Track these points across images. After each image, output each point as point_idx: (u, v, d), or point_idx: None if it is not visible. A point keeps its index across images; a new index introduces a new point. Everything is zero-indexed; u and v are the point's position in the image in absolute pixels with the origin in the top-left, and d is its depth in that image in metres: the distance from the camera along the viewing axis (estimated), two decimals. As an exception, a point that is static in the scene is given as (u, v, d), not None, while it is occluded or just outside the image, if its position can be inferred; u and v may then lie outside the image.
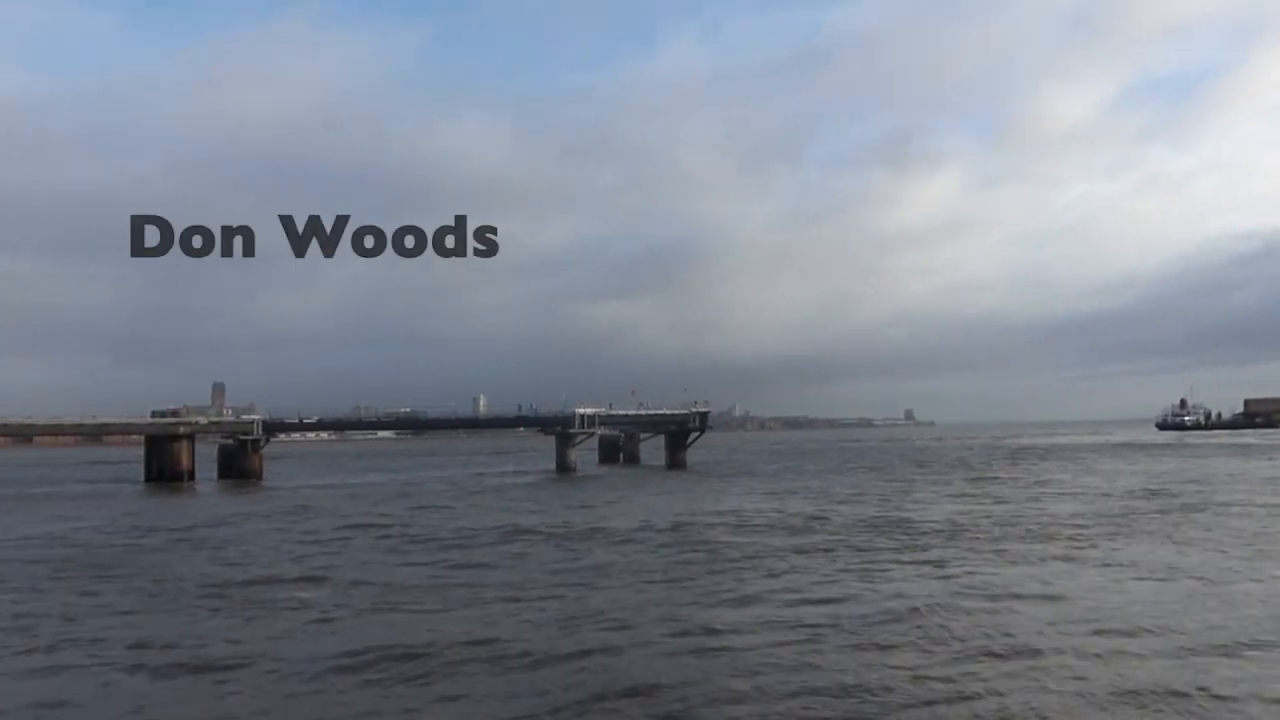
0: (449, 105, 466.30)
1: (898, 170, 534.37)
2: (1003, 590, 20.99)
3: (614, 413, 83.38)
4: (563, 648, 16.21)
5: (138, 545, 32.67)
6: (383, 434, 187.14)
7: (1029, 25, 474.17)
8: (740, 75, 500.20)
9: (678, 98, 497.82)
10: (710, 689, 13.71)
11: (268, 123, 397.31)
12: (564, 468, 78.20)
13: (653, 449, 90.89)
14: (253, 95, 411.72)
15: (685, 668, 14.87)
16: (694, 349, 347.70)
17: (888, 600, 19.88)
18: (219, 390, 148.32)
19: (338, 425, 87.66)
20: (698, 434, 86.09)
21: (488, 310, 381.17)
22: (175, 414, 75.96)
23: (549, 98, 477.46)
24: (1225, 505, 39.48)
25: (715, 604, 20.10)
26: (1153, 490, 47.70)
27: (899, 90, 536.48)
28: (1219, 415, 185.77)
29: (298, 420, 79.46)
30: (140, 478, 70.64)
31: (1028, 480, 58.28)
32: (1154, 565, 24.29)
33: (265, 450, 75.30)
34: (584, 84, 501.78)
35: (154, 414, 74.64)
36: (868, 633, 17.05)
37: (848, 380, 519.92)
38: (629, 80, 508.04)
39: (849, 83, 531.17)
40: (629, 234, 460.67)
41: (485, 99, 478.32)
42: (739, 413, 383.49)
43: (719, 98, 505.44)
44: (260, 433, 73.96)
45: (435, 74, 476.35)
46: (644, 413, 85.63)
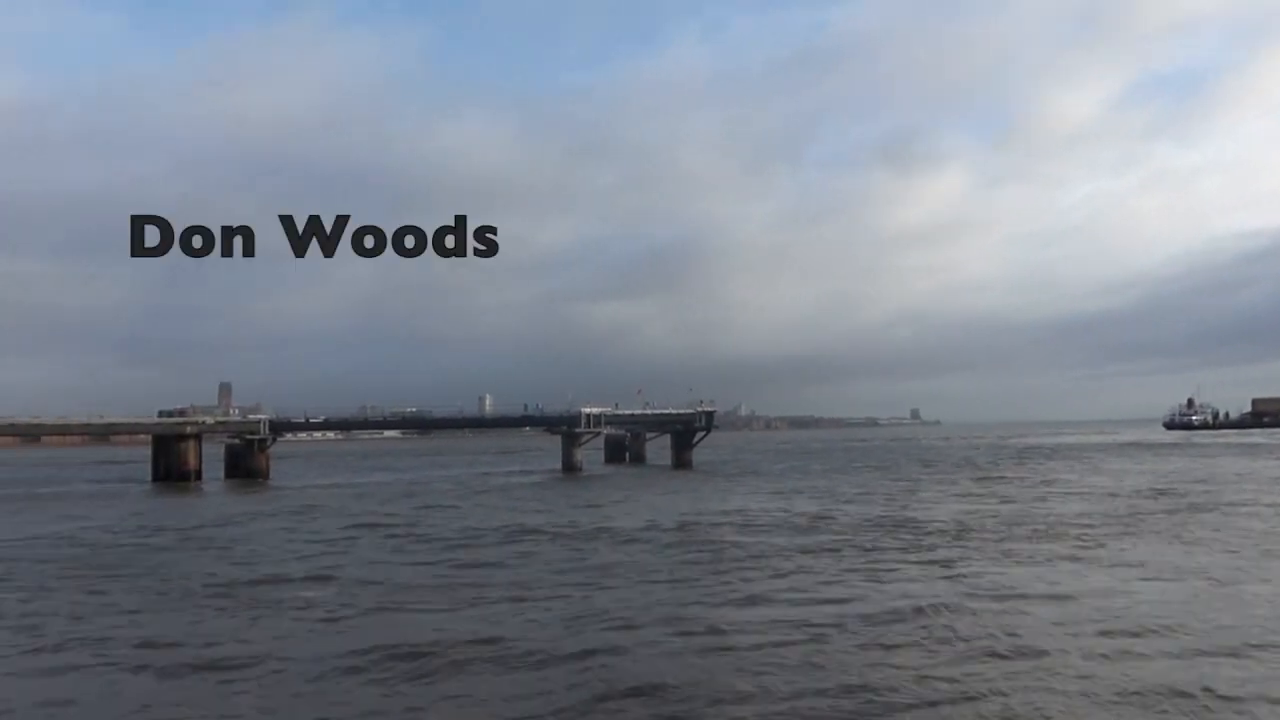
0: (450, 105, 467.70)
1: (900, 170, 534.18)
2: (1009, 590, 20.93)
3: (620, 412, 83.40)
4: (568, 647, 16.22)
5: (144, 545, 32.77)
6: (389, 434, 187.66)
7: (1032, 24, 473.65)
8: (742, 75, 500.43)
9: (679, 97, 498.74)
10: (714, 689, 13.70)
11: (269, 123, 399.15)
12: (570, 467, 78.26)
13: (658, 449, 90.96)
14: (254, 95, 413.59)
15: (689, 668, 14.87)
16: (699, 349, 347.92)
17: (893, 600, 19.84)
18: (225, 390, 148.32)
19: (344, 425, 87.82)
20: (703, 433, 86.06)
21: (492, 310, 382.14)
22: (182, 414, 76.17)
23: (550, 98, 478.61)
24: (1233, 505, 39.34)
25: (720, 604, 20.09)
26: (1160, 490, 47.56)
27: (901, 90, 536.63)
28: (1226, 415, 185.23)
29: (304, 420, 79.70)
30: (147, 477, 70.89)
31: (1034, 480, 58.14)
32: (1161, 566, 24.21)
33: (272, 450, 75.54)
34: (585, 84, 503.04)
35: (161, 414, 74.93)
36: (873, 633, 17.02)
37: (853, 380, 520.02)
38: (630, 80, 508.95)
39: (851, 82, 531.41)
40: (631, 234, 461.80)
41: (486, 99, 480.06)
42: (744, 412, 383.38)
43: (720, 97, 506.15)
44: (267, 432, 74.15)
45: (436, 74, 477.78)
46: (650, 412, 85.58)
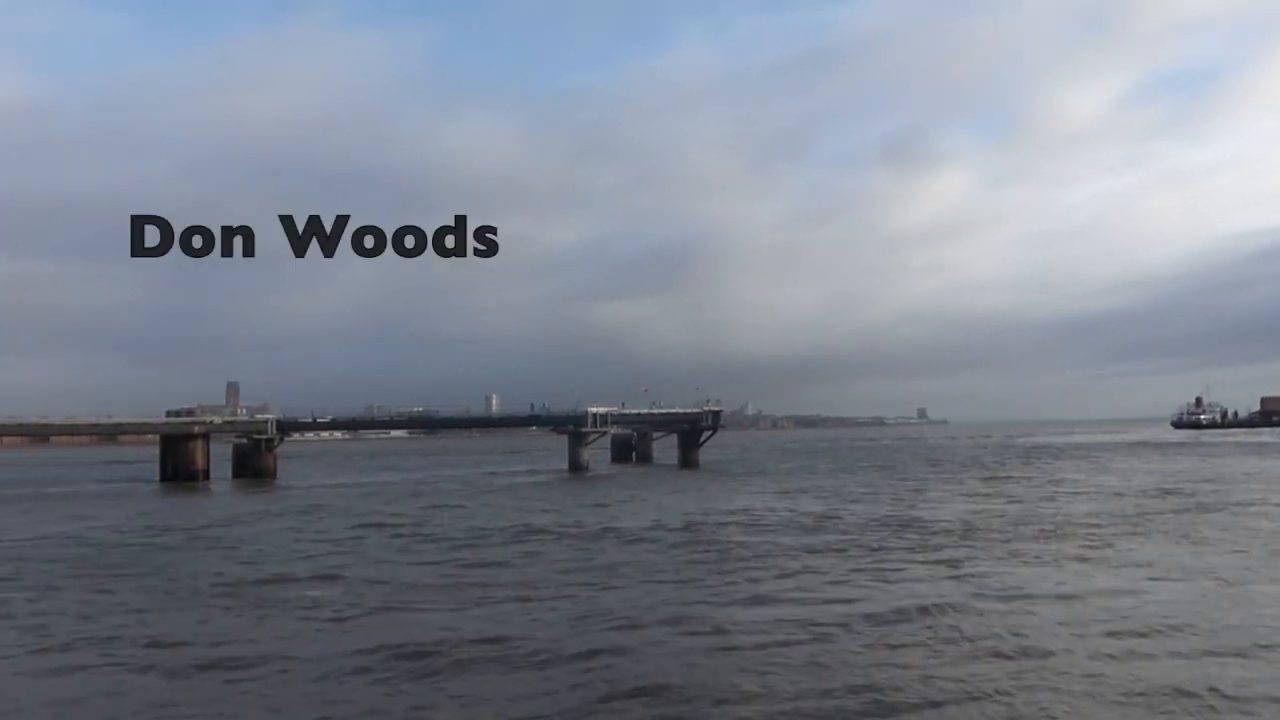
0: (455, 106, 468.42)
1: (906, 170, 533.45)
2: (1016, 590, 20.87)
3: (626, 412, 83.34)
4: (573, 647, 16.22)
5: (152, 544, 32.87)
6: (396, 433, 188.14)
7: (1037, 23, 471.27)
8: (747, 75, 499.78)
9: (684, 97, 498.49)
10: (719, 689, 13.68)
11: (274, 124, 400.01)
12: (577, 467, 78.24)
13: (665, 448, 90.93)
14: (259, 96, 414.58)
15: (694, 668, 14.86)
16: (705, 348, 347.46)
17: (899, 600, 19.79)
18: (233, 390, 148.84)
19: (351, 425, 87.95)
20: (710, 433, 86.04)
21: (499, 310, 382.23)
22: (190, 414, 76.43)
23: (555, 98, 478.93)
24: (1242, 505, 39.18)
25: (726, 604, 20.07)
26: (1168, 489, 47.40)
27: (906, 89, 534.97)
28: (1235, 414, 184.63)
29: (311, 420, 79.81)
30: (155, 477, 71.08)
31: (1041, 479, 57.97)
32: (1169, 566, 24.11)
33: (279, 450, 75.67)
34: (590, 84, 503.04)
35: (169, 414, 75.18)
36: (878, 633, 16.99)
37: (860, 379, 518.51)
38: (635, 80, 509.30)
39: (856, 82, 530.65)
40: (637, 233, 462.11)
41: (491, 99, 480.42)
42: (751, 411, 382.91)
43: (725, 97, 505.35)
44: (274, 432, 74.34)
45: (441, 75, 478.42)
46: (656, 412, 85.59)
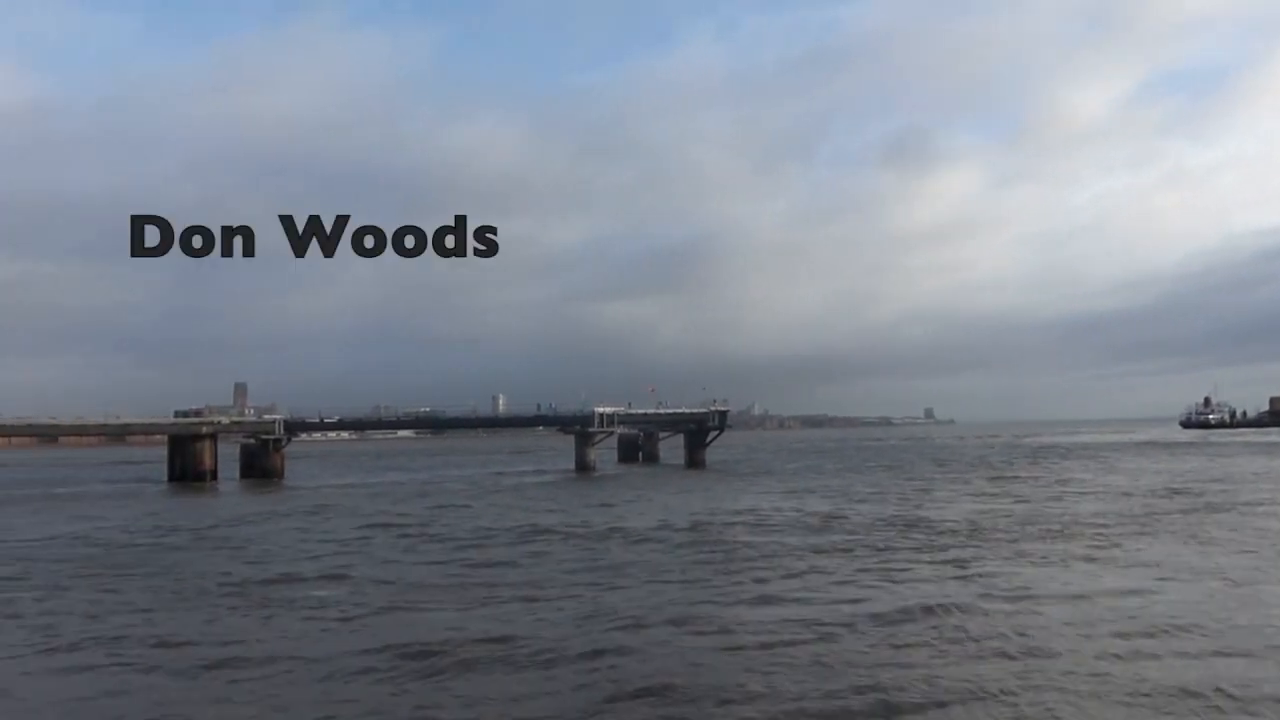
0: (461, 106, 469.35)
1: (912, 169, 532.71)
2: (1022, 591, 20.81)
3: (633, 412, 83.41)
4: (578, 647, 16.22)
5: (160, 544, 32.98)
6: (402, 433, 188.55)
7: (1044, 22, 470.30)
8: (753, 74, 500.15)
9: (690, 97, 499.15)
10: (723, 689, 13.66)
11: (280, 125, 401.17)
12: (583, 467, 78.30)
13: (672, 448, 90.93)
14: (265, 97, 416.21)
15: (699, 668, 14.84)
16: (712, 348, 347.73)
17: (905, 600, 19.74)
18: (241, 390, 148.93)
19: (358, 425, 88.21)
20: (717, 433, 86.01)
21: (505, 310, 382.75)
22: (198, 414, 76.69)
23: (561, 98, 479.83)
24: (1251, 505, 39.01)
25: (731, 604, 20.06)
26: (1176, 489, 47.22)
27: (912, 89, 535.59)
28: (1244, 413, 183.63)
29: (318, 420, 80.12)
30: (163, 477, 71.30)
31: (1049, 479, 57.82)
32: (1177, 566, 24.02)
33: (287, 450, 75.93)
34: (596, 84, 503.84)
35: (177, 414, 75.44)
36: (884, 633, 16.96)
37: (867, 379, 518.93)
38: (642, 80, 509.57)
39: (862, 81, 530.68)
40: (643, 233, 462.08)
41: (498, 99, 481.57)
42: (758, 411, 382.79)
43: (731, 97, 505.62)
44: (282, 432, 74.54)
45: (447, 75, 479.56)
46: (663, 412, 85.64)
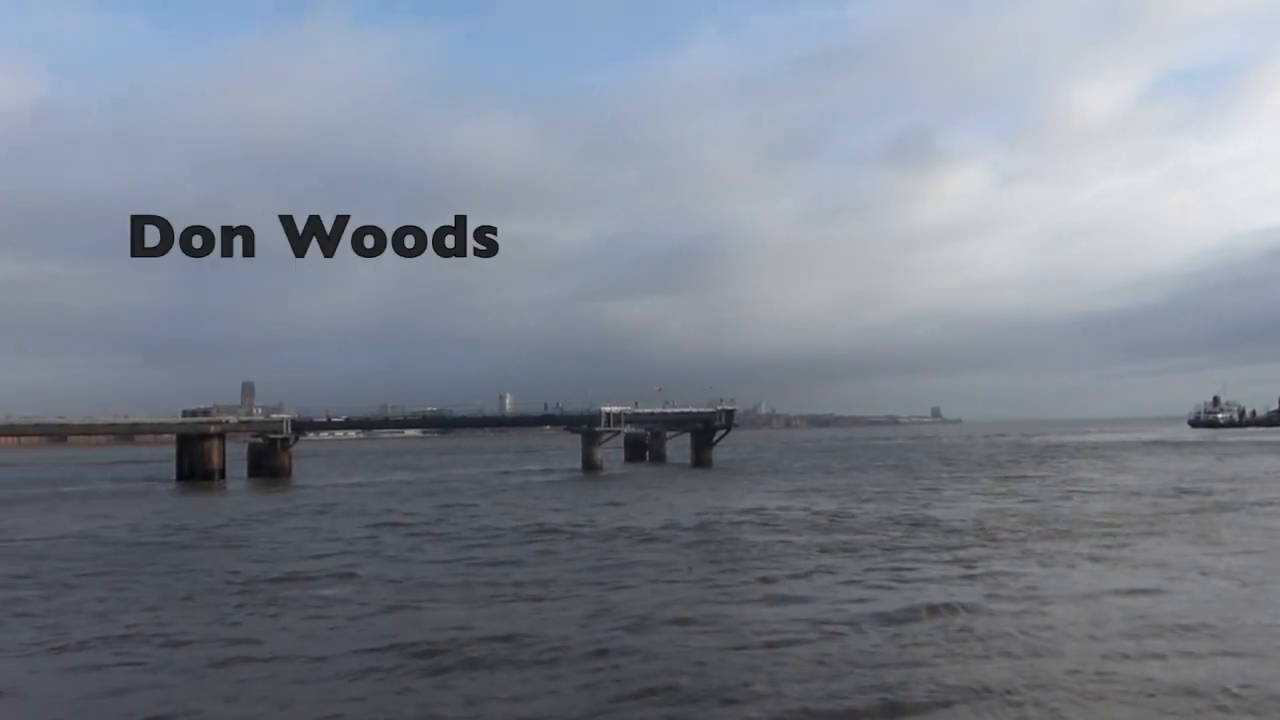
0: (468, 106, 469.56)
1: (917, 168, 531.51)
2: (1029, 591, 20.74)
3: (639, 411, 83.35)
4: (583, 646, 16.22)
5: (168, 543, 33.09)
6: (409, 432, 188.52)
7: (1051, 21, 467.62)
8: (760, 74, 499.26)
9: (697, 96, 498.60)
10: (728, 689, 13.64)
11: (288, 126, 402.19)
12: (590, 466, 78.33)
13: (678, 447, 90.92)
14: (273, 98, 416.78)
15: (704, 667, 14.81)
16: (718, 347, 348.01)
17: (911, 600, 19.68)
18: (248, 390, 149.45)
19: (365, 424, 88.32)
20: (723, 432, 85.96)
21: (512, 309, 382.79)
22: (206, 413, 77.02)
23: (568, 97, 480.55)
24: (1260, 504, 38.86)
25: (737, 603, 20.03)
26: (1185, 489, 47.03)
27: (919, 88, 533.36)
28: (1253, 412, 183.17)
29: (326, 419, 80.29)
30: (172, 476, 71.52)
31: (1056, 479, 57.68)
32: (1185, 566, 23.91)
33: (294, 449, 76.12)
34: (603, 83, 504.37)
35: (185, 413, 75.74)
36: (890, 632, 16.91)
37: (873, 378, 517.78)
38: (648, 79, 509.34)
39: (869, 80, 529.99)
40: (650, 232, 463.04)
41: (505, 99, 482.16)
42: (764, 410, 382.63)
43: (738, 96, 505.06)
44: (289, 432, 74.81)
45: (454, 75, 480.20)
46: (669, 411, 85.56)
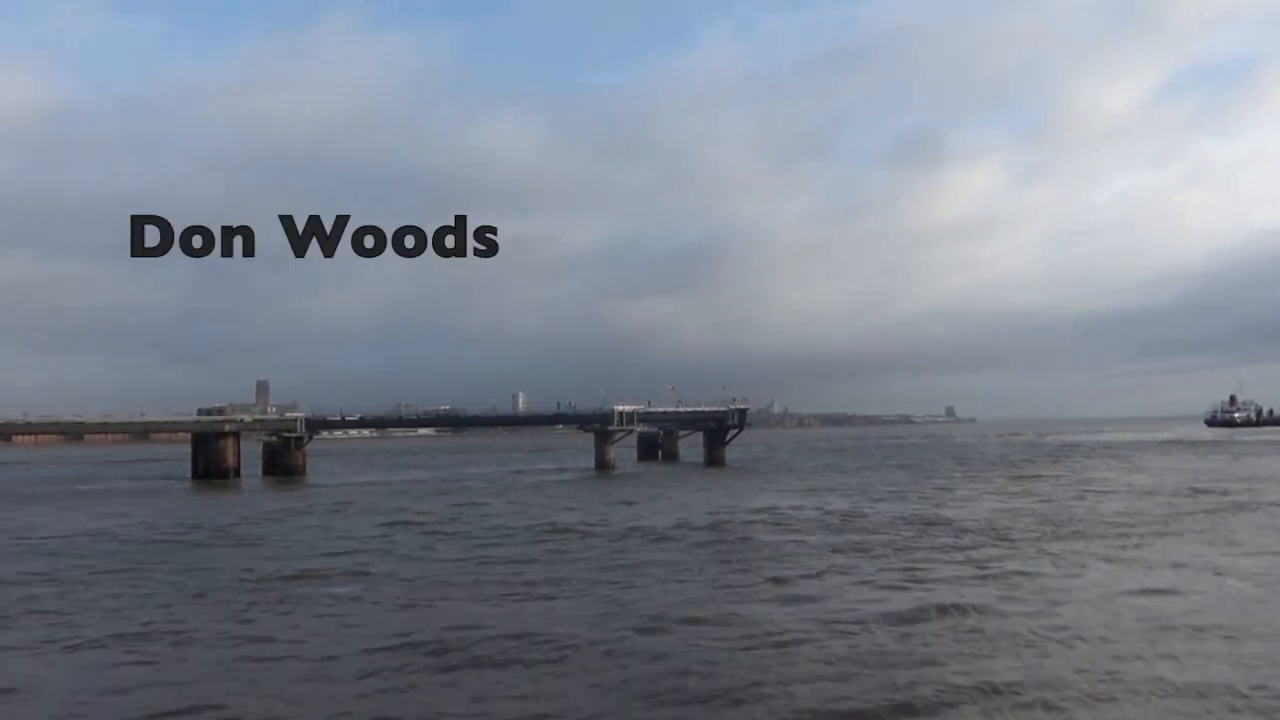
0: (482, 106, 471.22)
1: (932, 166, 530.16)
2: (1042, 591, 20.64)
3: (652, 410, 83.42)
4: (593, 645, 16.23)
5: (182, 541, 33.30)
6: (423, 431, 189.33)
7: (1066, 18, 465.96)
8: (771, 73, 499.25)
9: (709, 96, 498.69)
10: (737, 689, 13.61)
11: (304, 126, 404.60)
12: (603, 465, 78.38)
13: (691, 446, 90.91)
14: (289, 99, 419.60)
15: (714, 667, 14.80)
16: (731, 346, 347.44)
17: (923, 600, 19.61)
18: (263, 389, 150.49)
19: (379, 423, 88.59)
20: (736, 431, 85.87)
21: (525, 308, 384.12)
22: (221, 412, 77.41)
23: (581, 97, 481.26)
24: (1277, 504, 38.54)
25: (748, 603, 20.00)
26: (1201, 489, 46.70)
27: (932, 86, 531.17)
28: (1270, 412, 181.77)
29: (340, 418, 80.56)
30: (187, 474, 71.93)
31: (1071, 478, 57.36)
32: (1200, 566, 23.75)
33: (308, 447, 76.47)
34: (616, 83, 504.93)
35: (200, 412, 76.13)
36: (900, 632, 16.86)
37: (887, 377, 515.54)
38: (661, 79, 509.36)
39: (881, 79, 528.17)
40: (663, 231, 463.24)
41: (518, 99, 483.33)
42: (777, 409, 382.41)
43: (750, 96, 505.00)
44: (303, 430, 75.16)
45: (468, 75, 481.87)
46: (682, 410, 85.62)
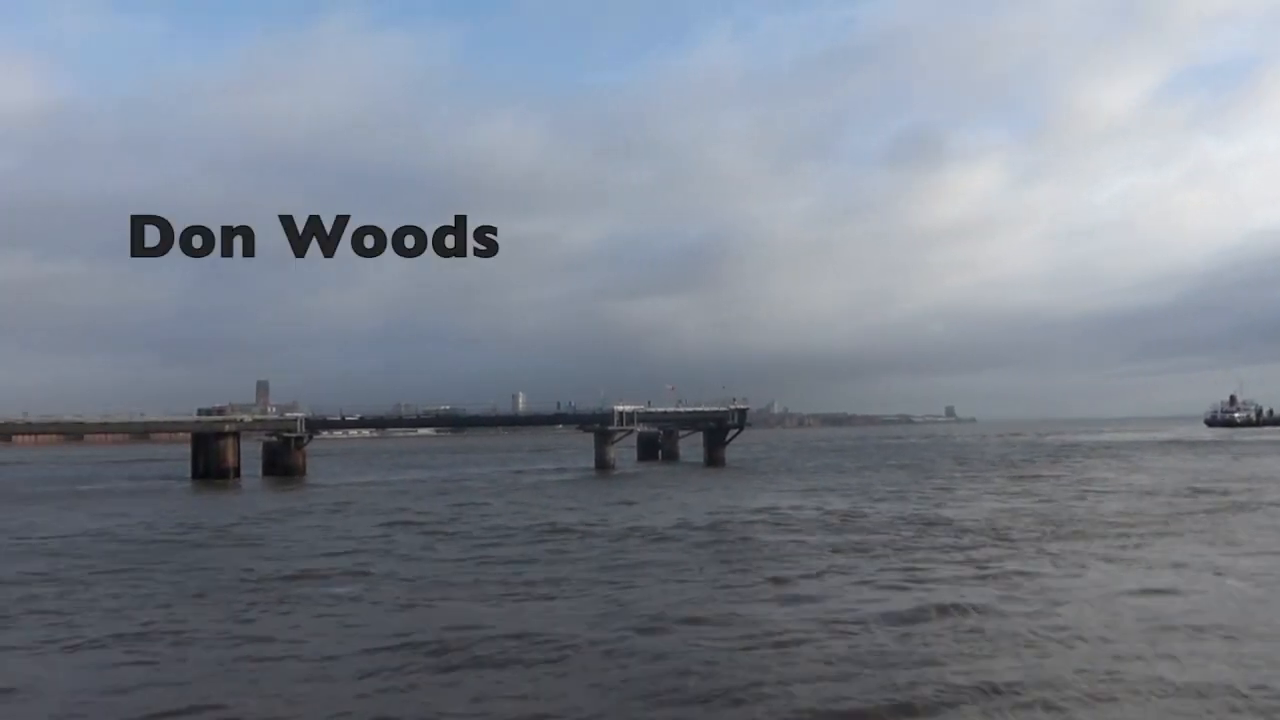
0: (483, 106, 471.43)
1: (932, 166, 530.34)
2: (1041, 591, 20.64)
3: (652, 410, 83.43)
4: (592, 646, 16.23)
5: (182, 541, 33.30)
6: (423, 431, 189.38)
7: (1067, 17, 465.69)
8: (771, 73, 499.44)
9: (709, 96, 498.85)
10: (737, 689, 13.62)
11: (304, 126, 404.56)
12: (603, 465, 78.37)
13: (691, 446, 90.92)
14: (289, 99, 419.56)
15: (713, 666, 14.80)
16: (731, 346, 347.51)
17: (922, 600, 19.60)
18: (263, 388, 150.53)
19: (379, 423, 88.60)
20: (736, 431, 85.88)
21: (526, 308, 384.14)
22: (221, 412, 77.41)
23: (582, 97, 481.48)
24: (1277, 504, 38.54)
25: (748, 602, 20.01)
26: (1200, 489, 46.70)
27: (933, 86, 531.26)
28: (1270, 412, 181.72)
29: (340, 418, 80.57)
30: (187, 475, 71.92)
31: (1071, 478, 57.36)
32: (1200, 566, 23.74)
33: (308, 447, 76.46)
34: (616, 83, 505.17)
35: (200, 412, 76.13)
36: (899, 632, 16.85)
37: (887, 377, 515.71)
38: (661, 79, 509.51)
39: (882, 79, 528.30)
40: (664, 232, 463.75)
41: (519, 99, 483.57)
42: (778, 409, 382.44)
43: (750, 96, 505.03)
44: (303, 430, 75.15)
45: (469, 75, 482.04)
46: (682, 410, 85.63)
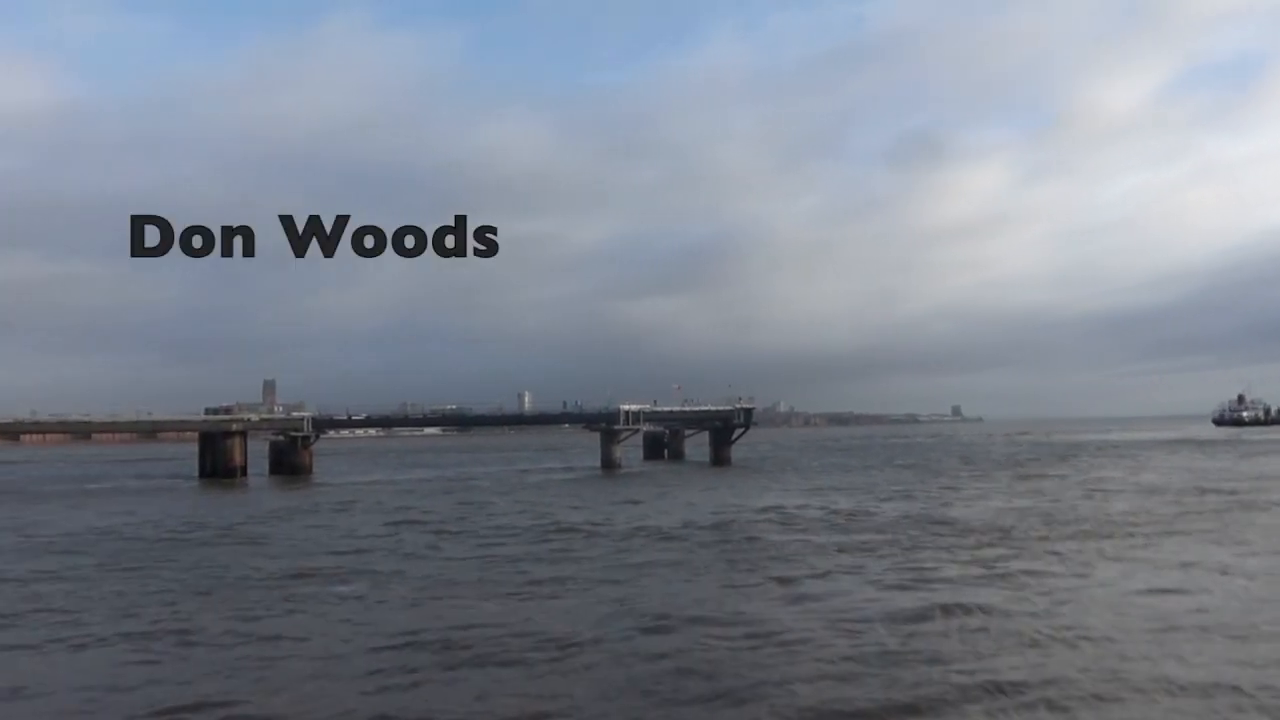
0: (488, 106, 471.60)
1: (938, 165, 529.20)
2: (1048, 590, 20.63)
3: (658, 409, 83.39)
4: (596, 644, 16.27)
5: (189, 539, 33.42)
6: (429, 430, 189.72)
7: (1072, 17, 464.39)
8: (777, 72, 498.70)
9: (715, 95, 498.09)
10: (740, 687, 13.65)
11: (311, 126, 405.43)
12: (609, 464, 78.39)
13: (697, 445, 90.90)
14: (296, 98, 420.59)
15: (716, 665, 14.83)
16: (736, 345, 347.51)
17: (928, 600, 19.59)
18: (270, 388, 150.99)
19: (385, 422, 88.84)
20: (742, 430, 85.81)
21: (532, 308, 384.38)
22: (228, 411, 77.88)
23: (588, 96, 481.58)
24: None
25: (753, 601, 20.03)
26: (1208, 488, 46.57)
27: (939, 84, 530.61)
28: (1278, 410, 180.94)
29: (346, 417, 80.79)
30: (194, 473, 72.18)
31: (1077, 478, 57.21)
32: (1207, 566, 23.68)
33: (315, 446, 76.54)
34: (622, 82, 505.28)
35: (207, 411, 76.60)
36: (905, 631, 16.86)
37: (893, 376, 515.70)
38: (667, 78, 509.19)
39: (888, 78, 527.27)
40: (669, 231, 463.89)
41: (524, 99, 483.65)
42: (783, 409, 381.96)
43: (756, 95, 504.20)
44: (310, 429, 75.27)
45: (474, 75, 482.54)
46: (688, 409, 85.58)
